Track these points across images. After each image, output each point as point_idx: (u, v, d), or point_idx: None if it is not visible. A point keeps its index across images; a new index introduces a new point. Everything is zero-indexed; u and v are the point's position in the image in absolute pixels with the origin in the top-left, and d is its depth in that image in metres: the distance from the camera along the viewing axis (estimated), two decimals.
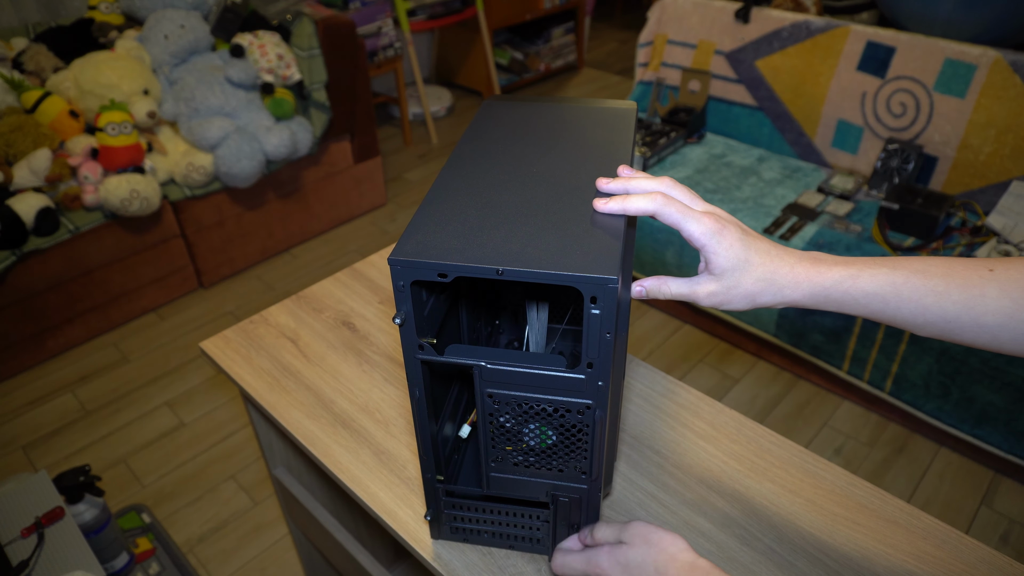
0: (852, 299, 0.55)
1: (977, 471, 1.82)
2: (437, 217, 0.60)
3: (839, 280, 0.55)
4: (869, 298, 0.54)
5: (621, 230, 0.57)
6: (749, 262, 0.57)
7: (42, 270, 2.09)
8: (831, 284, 0.55)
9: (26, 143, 2.05)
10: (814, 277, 0.56)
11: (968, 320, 0.52)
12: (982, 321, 0.52)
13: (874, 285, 0.54)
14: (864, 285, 0.54)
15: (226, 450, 1.94)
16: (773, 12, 2.28)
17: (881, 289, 0.54)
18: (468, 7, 3.49)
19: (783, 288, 0.57)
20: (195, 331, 2.36)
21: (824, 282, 0.55)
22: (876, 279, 0.54)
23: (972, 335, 0.53)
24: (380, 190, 2.99)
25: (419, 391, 0.63)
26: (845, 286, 0.55)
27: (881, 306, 0.54)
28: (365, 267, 1.24)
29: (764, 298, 0.58)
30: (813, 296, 0.56)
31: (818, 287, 0.55)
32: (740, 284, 0.58)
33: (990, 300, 0.51)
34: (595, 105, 0.80)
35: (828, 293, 0.55)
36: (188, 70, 2.33)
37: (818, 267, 0.56)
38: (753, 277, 0.57)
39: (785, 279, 0.56)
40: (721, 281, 0.58)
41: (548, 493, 0.68)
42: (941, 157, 1.99)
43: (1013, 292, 0.51)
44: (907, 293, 0.53)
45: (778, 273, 0.57)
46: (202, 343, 1.06)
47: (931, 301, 0.53)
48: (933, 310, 0.53)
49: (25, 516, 1.26)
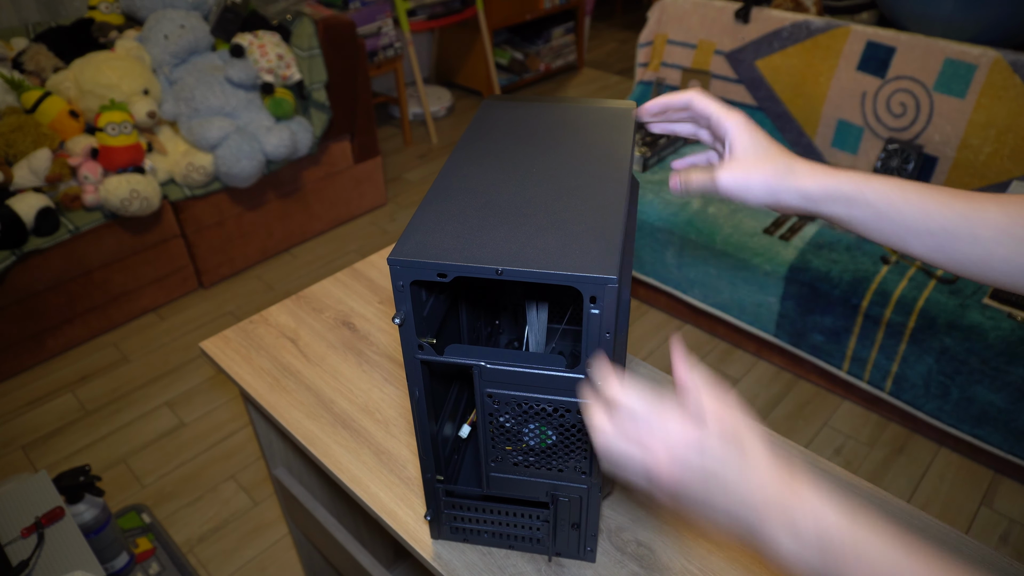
0: (862, 196, 0.57)
1: (977, 471, 1.82)
2: (436, 217, 0.60)
3: (853, 176, 0.58)
4: (878, 195, 0.57)
5: (621, 230, 0.57)
6: (770, 150, 0.61)
7: (42, 270, 2.09)
8: (845, 179, 0.58)
9: (26, 143, 2.05)
10: (830, 171, 0.59)
11: (965, 231, 0.54)
12: (978, 233, 0.54)
13: (884, 186, 0.57)
14: (875, 184, 0.57)
15: (226, 450, 1.94)
16: (773, 12, 2.28)
17: (890, 190, 0.57)
18: (468, 7, 3.49)
19: (800, 176, 0.59)
20: (195, 331, 2.36)
21: (839, 175, 0.58)
22: (887, 181, 0.57)
23: (966, 248, 0.55)
24: (380, 190, 2.99)
25: (419, 391, 0.63)
26: (857, 181, 0.57)
27: (887, 207, 0.56)
28: (365, 267, 1.24)
29: (781, 186, 0.60)
30: (826, 188, 0.58)
31: (832, 179, 0.58)
32: (760, 168, 0.60)
33: (989, 215, 0.54)
34: (595, 105, 0.80)
35: (840, 186, 0.58)
36: (188, 70, 2.33)
37: (834, 168, 0.60)
38: (773, 164, 0.60)
39: (803, 169, 0.59)
40: (743, 164, 0.61)
41: (548, 493, 0.68)
42: (941, 157, 1.99)
43: (1011, 209, 0.53)
44: (914, 197, 0.56)
45: (796, 163, 0.60)
46: (202, 343, 1.06)
47: (934, 207, 0.55)
48: (935, 216, 0.55)
49: (25, 516, 1.26)
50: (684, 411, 0.48)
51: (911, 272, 1.82)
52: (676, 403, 0.49)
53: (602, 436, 0.50)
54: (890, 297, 1.78)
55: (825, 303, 1.87)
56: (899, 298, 1.77)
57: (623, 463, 0.50)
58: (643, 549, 0.76)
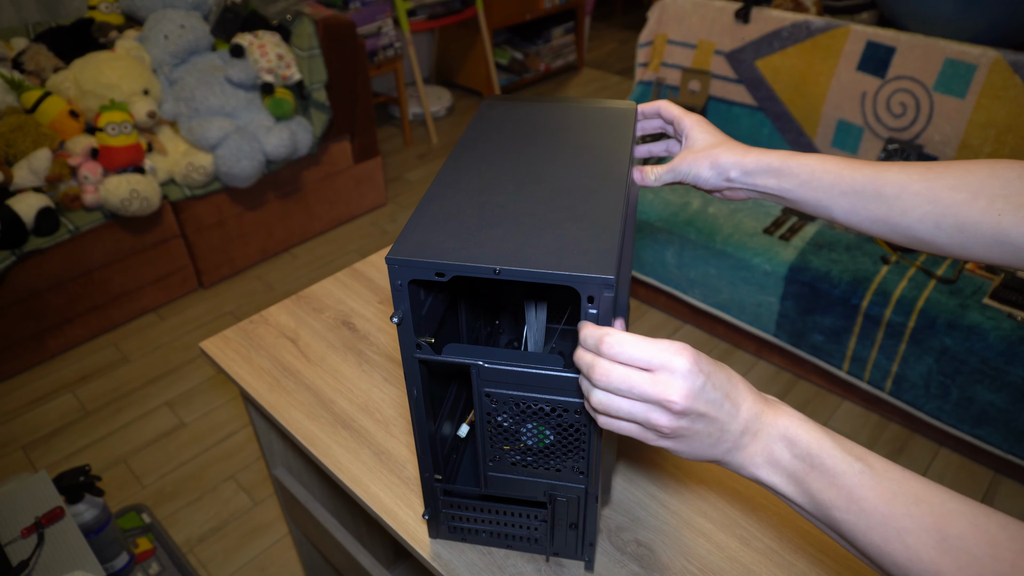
0: (788, 168, 0.66)
1: (977, 471, 1.82)
2: (435, 216, 0.60)
3: (784, 153, 0.68)
4: (801, 166, 0.66)
5: (619, 230, 0.57)
6: (718, 139, 0.71)
7: (42, 270, 2.09)
8: (776, 155, 0.67)
9: (26, 143, 2.05)
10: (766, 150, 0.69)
11: (871, 190, 0.63)
12: (882, 191, 0.62)
13: (808, 158, 0.66)
14: (801, 157, 0.67)
15: (226, 450, 1.94)
16: (773, 12, 2.28)
17: (812, 160, 0.66)
18: (468, 7, 3.49)
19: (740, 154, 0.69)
20: (195, 331, 2.36)
21: (772, 152, 0.68)
22: (810, 155, 0.67)
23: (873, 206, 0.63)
24: (380, 190, 2.99)
25: (417, 390, 0.63)
26: (785, 156, 0.67)
27: (808, 175, 0.66)
28: (365, 267, 1.24)
29: (726, 163, 0.69)
30: (759, 162, 0.67)
31: (765, 155, 0.68)
32: (709, 152, 0.70)
33: (890, 174, 0.63)
34: (594, 105, 0.80)
35: (771, 161, 0.67)
36: (188, 70, 2.33)
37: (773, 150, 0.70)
38: (719, 148, 0.70)
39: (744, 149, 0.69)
40: (695, 151, 0.71)
41: (546, 493, 0.68)
42: (941, 157, 1.99)
43: (909, 169, 0.62)
44: (831, 166, 0.65)
45: (739, 146, 0.70)
46: (202, 343, 1.06)
47: (847, 172, 0.64)
48: (847, 179, 0.64)
49: (25, 516, 1.26)
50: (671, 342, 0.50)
51: (911, 272, 1.82)
52: None
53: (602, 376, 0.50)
54: (890, 297, 1.78)
55: (825, 303, 1.87)
56: (899, 298, 1.77)
57: (626, 406, 0.49)
58: (643, 549, 0.76)
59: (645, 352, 0.48)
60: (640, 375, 0.48)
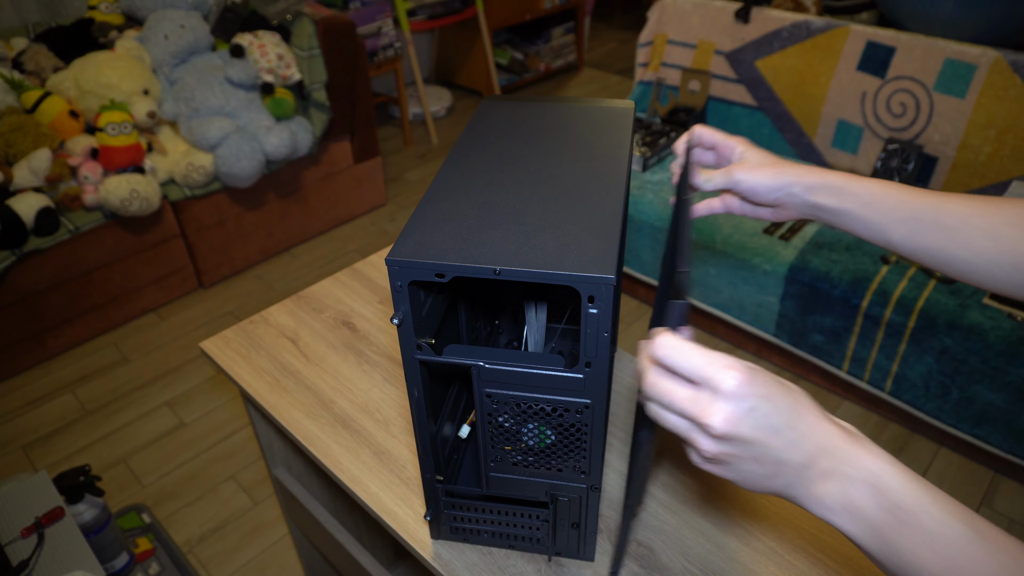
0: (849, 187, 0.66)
1: (977, 471, 1.82)
2: (435, 217, 0.60)
3: (844, 174, 0.67)
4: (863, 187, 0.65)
5: (618, 230, 0.57)
6: (775, 158, 0.71)
7: (42, 270, 2.09)
8: (837, 174, 0.67)
9: (26, 143, 2.05)
10: (825, 169, 0.68)
11: (932, 219, 0.61)
12: (943, 221, 0.61)
13: (869, 181, 0.66)
14: (862, 179, 0.66)
15: (226, 450, 1.94)
16: (773, 12, 2.28)
17: (873, 184, 0.65)
18: (468, 7, 3.49)
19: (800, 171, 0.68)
20: (195, 331, 2.36)
21: (833, 171, 0.67)
22: (871, 179, 0.66)
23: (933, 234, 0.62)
24: (380, 190, 2.99)
25: (417, 391, 0.63)
26: (847, 176, 0.66)
27: (869, 196, 0.65)
28: (365, 267, 1.24)
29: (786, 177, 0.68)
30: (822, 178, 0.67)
31: (827, 173, 0.67)
32: (767, 167, 0.69)
33: (952, 204, 0.61)
34: (594, 105, 0.80)
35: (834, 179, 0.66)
36: (188, 70, 2.33)
37: (828, 170, 0.69)
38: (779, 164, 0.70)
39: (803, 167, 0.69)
40: (753, 164, 0.70)
41: (547, 493, 0.68)
42: (941, 157, 1.99)
43: (973, 201, 0.61)
44: (892, 190, 0.64)
45: (797, 164, 0.70)
46: (202, 343, 1.06)
47: (908, 198, 0.63)
48: (908, 205, 0.63)
49: (25, 516, 1.26)
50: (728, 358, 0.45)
51: (911, 272, 1.82)
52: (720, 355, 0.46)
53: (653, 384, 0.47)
54: (890, 297, 1.78)
55: (825, 303, 1.87)
56: (899, 298, 1.77)
57: (671, 421, 0.46)
58: (643, 549, 0.76)
59: (692, 364, 0.44)
60: (683, 390, 0.44)
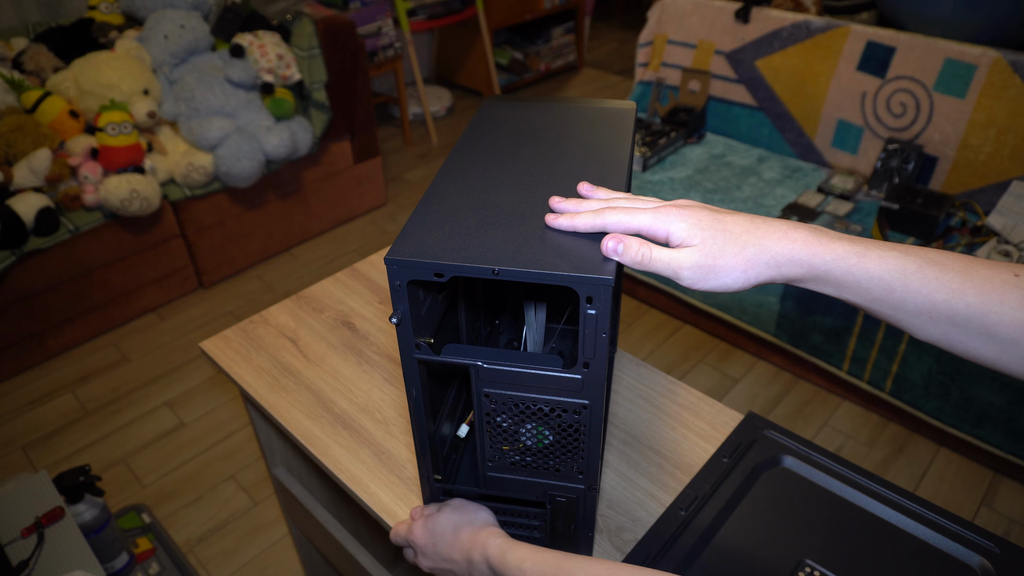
0: (855, 280, 0.48)
1: (977, 471, 1.82)
2: (434, 217, 0.60)
3: (843, 256, 0.48)
4: (873, 282, 0.47)
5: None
6: (726, 229, 0.51)
7: (42, 270, 2.09)
8: (832, 260, 0.49)
9: (26, 143, 2.05)
10: (815, 247, 0.49)
11: (978, 327, 0.46)
12: (994, 332, 0.45)
13: (881, 269, 0.47)
14: (870, 266, 0.47)
15: (226, 450, 1.94)
16: (773, 12, 2.28)
17: (888, 274, 0.47)
18: (468, 7, 3.49)
19: (777, 256, 0.50)
20: (195, 331, 2.36)
21: (826, 255, 0.49)
22: (885, 262, 0.47)
23: (978, 345, 0.46)
24: (380, 190, 2.99)
25: (417, 391, 0.63)
26: (849, 263, 0.48)
27: (885, 294, 0.47)
28: (365, 267, 1.24)
29: (757, 268, 0.50)
30: (812, 269, 0.49)
31: (818, 259, 0.49)
32: (725, 252, 0.50)
33: (1008, 308, 0.45)
34: (594, 105, 0.80)
35: (829, 268, 0.49)
36: (188, 70, 2.33)
37: (820, 239, 0.49)
38: (738, 244, 0.50)
39: (778, 246, 0.50)
40: (703, 250, 0.51)
41: (545, 493, 0.68)
42: (941, 157, 1.99)
43: None
44: (916, 284, 0.47)
45: (768, 238, 0.50)
46: (202, 343, 1.06)
47: (942, 298, 0.46)
48: (942, 308, 0.46)
49: (25, 516, 1.26)
50: None
51: None
52: None
53: None
54: None
55: (825, 303, 1.87)
56: None
57: None
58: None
59: None
60: None
